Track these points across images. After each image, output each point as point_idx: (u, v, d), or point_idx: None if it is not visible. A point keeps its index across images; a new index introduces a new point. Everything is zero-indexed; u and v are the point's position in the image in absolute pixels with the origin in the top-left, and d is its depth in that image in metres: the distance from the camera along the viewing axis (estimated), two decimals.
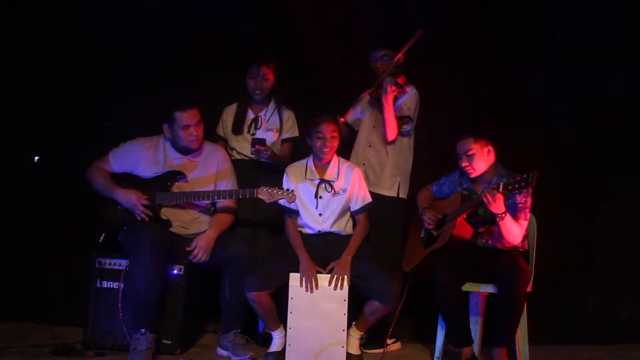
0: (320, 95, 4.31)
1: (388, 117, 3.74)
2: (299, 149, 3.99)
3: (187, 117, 3.55)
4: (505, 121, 4.15)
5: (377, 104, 3.87)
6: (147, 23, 4.32)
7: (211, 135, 3.94)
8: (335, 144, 3.61)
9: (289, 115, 4.01)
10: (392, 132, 3.78)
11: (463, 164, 3.47)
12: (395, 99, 3.77)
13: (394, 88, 3.71)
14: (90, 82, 4.30)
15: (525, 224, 3.40)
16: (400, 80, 3.77)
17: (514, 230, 3.36)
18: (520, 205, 3.38)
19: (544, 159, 4.06)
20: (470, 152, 3.43)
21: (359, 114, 3.99)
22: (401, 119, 3.79)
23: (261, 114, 3.99)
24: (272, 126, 3.98)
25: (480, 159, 3.46)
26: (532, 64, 4.22)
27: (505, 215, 3.29)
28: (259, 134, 3.92)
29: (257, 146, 3.73)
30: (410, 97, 3.82)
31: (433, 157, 4.07)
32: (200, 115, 3.60)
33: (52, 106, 4.27)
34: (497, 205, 3.25)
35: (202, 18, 4.31)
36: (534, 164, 3.32)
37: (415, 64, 3.86)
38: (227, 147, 3.99)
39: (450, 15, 4.27)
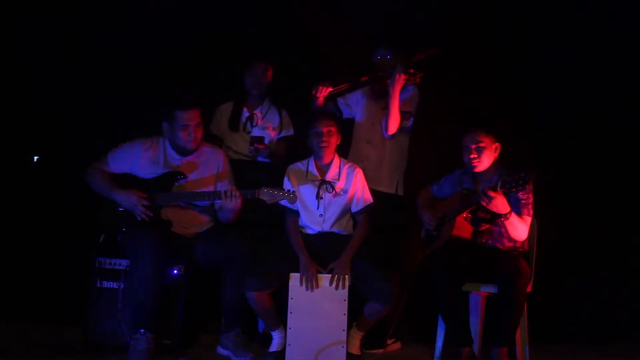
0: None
1: (393, 108, 3.73)
2: (293, 147, 4.01)
3: (187, 117, 3.54)
4: (506, 121, 4.15)
5: (379, 98, 3.86)
6: (147, 24, 4.34)
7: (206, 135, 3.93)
8: (333, 139, 3.60)
9: (285, 114, 4.03)
10: (394, 126, 3.77)
11: (471, 156, 3.44)
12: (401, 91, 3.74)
13: (404, 76, 3.68)
14: (90, 82, 4.30)
15: (529, 219, 3.39)
16: (411, 71, 3.72)
17: (520, 227, 3.35)
18: (522, 201, 3.38)
19: (544, 159, 4.06)
20: (482, 144, 3.42)
21: (346, 104, 3.98)
22: (402, 114, 3.78)
23: (256, 111, 4.01)
24: (269, 124, 4.00)
25: (488, 154, 3.45)
26: (533, 64, 4.22)
27: (510, 215, 3.30)
28: (256, 132, 3.94)
29: (255, 144, 3.75)
30: (413, 93, 3.82)
31: (433, 157, 4.06)
32: (201, 117, 3.59)
33: (52, 106, 4.28)
34: (501, 205, 3.25)
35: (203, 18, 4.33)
36: (534, 163, 3.32)
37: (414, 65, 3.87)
38: (223, 145, 3.99)
39: (452, 15, 4.27)
